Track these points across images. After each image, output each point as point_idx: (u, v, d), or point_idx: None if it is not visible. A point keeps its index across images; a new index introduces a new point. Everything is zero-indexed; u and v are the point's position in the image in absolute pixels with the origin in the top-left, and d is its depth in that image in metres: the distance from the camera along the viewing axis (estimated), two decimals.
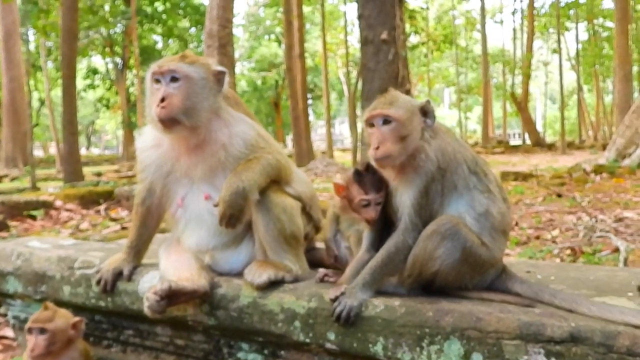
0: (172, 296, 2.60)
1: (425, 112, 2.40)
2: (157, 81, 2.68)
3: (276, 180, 2.79)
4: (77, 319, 2.93)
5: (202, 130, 2.72)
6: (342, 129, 64.69)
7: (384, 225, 2.52)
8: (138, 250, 3.04)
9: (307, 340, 2.49)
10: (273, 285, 2.62)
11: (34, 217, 9.52)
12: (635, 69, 33.53)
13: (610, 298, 2.25)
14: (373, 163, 2.42)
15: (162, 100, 2.61)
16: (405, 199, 2.36)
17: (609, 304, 2.08)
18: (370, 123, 2.39)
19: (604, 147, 21.92)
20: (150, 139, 2.86)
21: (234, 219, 2.59)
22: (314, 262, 2.92)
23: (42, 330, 2.80)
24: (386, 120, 2.35)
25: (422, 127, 2.38)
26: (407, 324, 2.25)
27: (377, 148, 2.33)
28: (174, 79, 2.65)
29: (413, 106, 2.39)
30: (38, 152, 43.46)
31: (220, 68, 2.79)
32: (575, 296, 2.21)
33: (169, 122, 2.63)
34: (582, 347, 1.96)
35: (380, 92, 2.48)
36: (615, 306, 2.05)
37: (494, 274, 2.40)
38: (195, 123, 2.68)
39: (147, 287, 2.80)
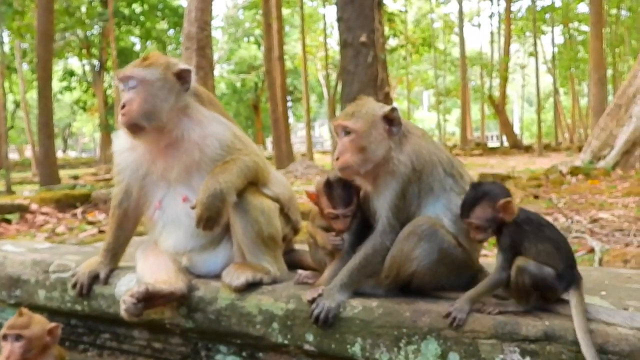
0: (149, 299, 2.58)
1: (390, 120, 2.40)
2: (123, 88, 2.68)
3: (254, 182, 2.78)
4: (53, 324, 2.88)
5: (172, 130, 2.70)
6: (322, 131, 64.69)
7: (362, 227, 2.53)
8: (115, 253, 3.01)
9: (286, 342, 2.49)
10: (251, 287, 2.62)
11: (8, 221, 9.35)
12: (609, 72, 34.04)
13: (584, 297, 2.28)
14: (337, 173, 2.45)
15: (123, 106, 2.61)
16: (382, 201, 2.37)
17: (585, 303, 2.10)
18: (336, 132, 2.45)
19: (579, 149, 22.18)
20: (126, 142, 2.84)
21: (212, 221, 2.58)
22: (293, 264, 2.92)
23: (18, 337, 2.75)
24: (346, 131, 2.39)
25: (388, 135, 2.38)
26: (385, 324, 2.27)
27: (337, 158, 2.39)
28: (133, 85, 2.65)
29: (375, 116, 2.39)
30: (13, 155, 42.78)
31: (183, 66, 2.77)
32: None
33: (132, 128, 2.63)
34: (555, 346, 1.99)
35: (360, 95, 2.50)
36: (591, 304, 2.08)
37: (471, 275, 2.42)
38: (158, 125, 2.67)
39: (124, 290, 2.79)
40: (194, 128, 2.74)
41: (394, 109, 2.40)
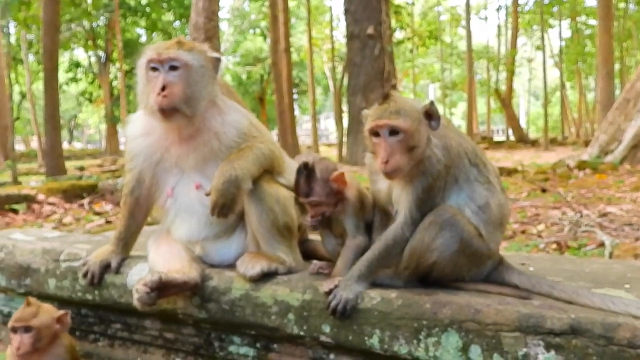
0: (162, 288, 2.53)
1: (430, 115, 2.29)
2: (154, 69, 2.60)
3: (269, 170, 2.73)
4: (61, 312, 2.85)
5: (198, 119, 2.66)
6: (327, 124, 64.53)
7: (361, 207, 2.54)
8: (126, 242, 2.96)
9: (301, 333, 2.44)
10: (266, 277, 2.57)
11: (15, 211, 9.36)
12: (617, 66, 33.82)
13: (607, 290, 2.23)
14: (381, 175, 2.31)
15: (163, 88, 2.54)
16: (406, 195, 2.30)
17: (611, 295, 2.06)
18: (375, 132, 2.26)
19: (586, 144, 22.11)
20: (140, 127, 2.79)
21: (226, 208, 2.54)
22: (307, 254, 2.87)
23: (27, 329, 2.72)
24: (393, 131, 2.22)
25: (428, 131, 2.28)
26: (404, 316, 2.21)
27: (386, 162, 2.21)
28: (173, 67, 2.58)
29: (418, 112, 2.27)
30: (19, 147, 42.80)
31: (216, 55, 2.73)
32: (575, 288, 2.18)
33: (169, 111, 2.56)
34: (582, 339, 1.93)
35: (366, 87, 2.43)
36: (618, 297, 2.03)
37: (491, 266, 2.37)
38: (194, 112, 2.62)
39: (136, 279, 2.74)
40: (215, 117, 2.70)
41: (432, 103, 2.29)
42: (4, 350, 3.52)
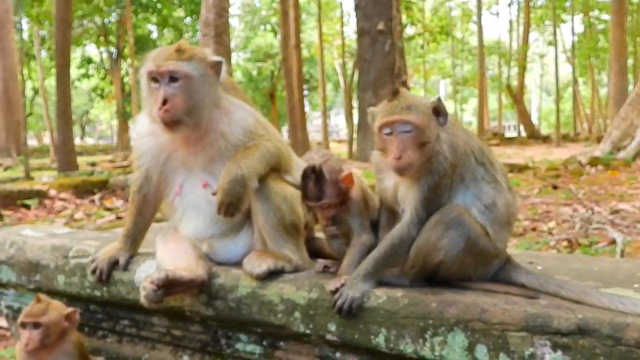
0: (169, 286, 2.54)
1: (438, 111, 2.29)
2: (155, 80, 2.59)
3: (276, 168, 2.73)
4: (70, 309, 2.88)
5: (204, 123, 2.66)
6: (337, 120, 64.58)
7: (365, 206, 2.54)
8: (134, 239, 2.97)
9: (308, 332, 2.44)
10: (273, 275, 2.56)
11: (27, 207, 9.45)
12: (630, 61, 33.49)
13: (616, 289, 2.21)
14: (393, 171, 2.29)
15: (164, 102, 2.53)
16: (412, 193, 2.29)
17: (620, 295, 2.04)
18: (386, 128, 2.25)
19: (598, 140, 21.96)
20: (147, 127, 2.79)
21: (233, 207, 2.54)
22: (314, 252, 2.87)
23: (36, 325, 2.74)
24: (405, 127, 2.22)
25: (437, 127, 2.28)
26: (410, 315, 2.20)
27: (399, 158, 2.20)
28: (173, 79, 2.57)
29: (428, 108, 2.27)
30: (31, 142, 43.10)
31: (217, 58, 2.71)
32: (583, 287, 2.16)
33: (172, 124, 2.56)
34: (589, 339, 1.91)
35: (376, 83, 2.43)
36: (627, 297, 2.01)
37: (498, 265, 2.36)
38: (198, 121, 2.62)
39: (144, 276, 2.75)
40: (222, 118, 2.69)
41: (439, 99, 2.29)
42: (14, 345, 3.56)
